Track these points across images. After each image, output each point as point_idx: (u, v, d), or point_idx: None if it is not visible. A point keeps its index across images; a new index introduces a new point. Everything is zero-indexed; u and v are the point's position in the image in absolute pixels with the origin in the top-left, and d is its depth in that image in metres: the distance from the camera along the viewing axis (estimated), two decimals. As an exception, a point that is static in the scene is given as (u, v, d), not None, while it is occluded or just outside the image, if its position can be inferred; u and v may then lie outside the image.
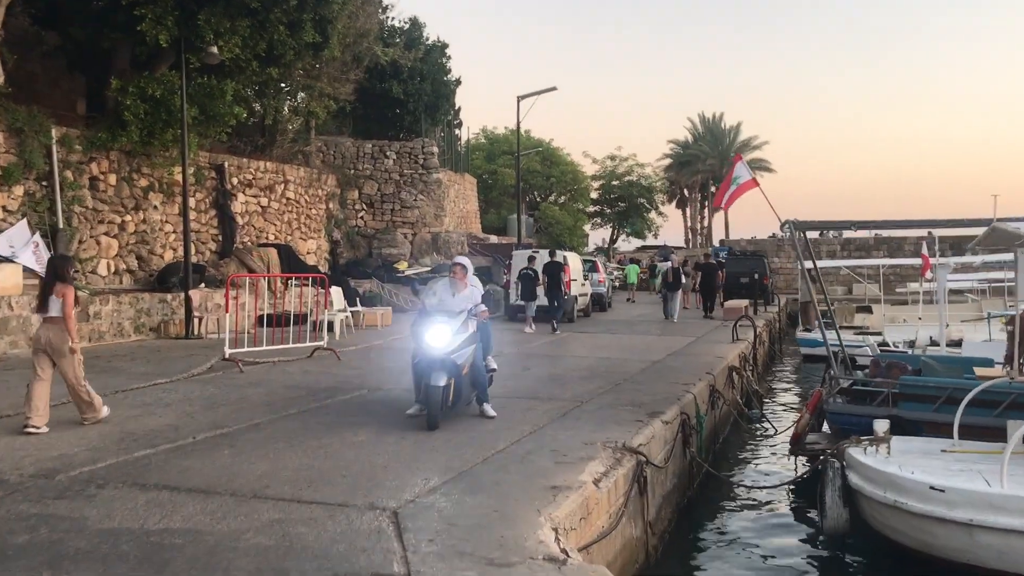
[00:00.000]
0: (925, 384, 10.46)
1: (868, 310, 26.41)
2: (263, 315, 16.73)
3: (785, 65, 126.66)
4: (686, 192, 76.97)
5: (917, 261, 25.66)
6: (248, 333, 15.07)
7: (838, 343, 12.66)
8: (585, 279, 25.42)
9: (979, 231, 11.35)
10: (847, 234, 46.05)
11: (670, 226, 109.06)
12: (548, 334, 19.43)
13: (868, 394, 10.98)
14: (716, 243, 71.74)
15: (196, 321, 17.76)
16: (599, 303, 27.29)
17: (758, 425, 14.66)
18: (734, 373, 14.73)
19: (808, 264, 13.21)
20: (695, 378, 12.39)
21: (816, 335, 25.05)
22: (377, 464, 6.95)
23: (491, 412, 8.93)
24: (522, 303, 21.19)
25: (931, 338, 21.93)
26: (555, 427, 8.62)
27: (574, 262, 23.82)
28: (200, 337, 17.51)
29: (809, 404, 11.28)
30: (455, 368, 8.31)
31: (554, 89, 27.72)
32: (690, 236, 77.19)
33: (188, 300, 17.74)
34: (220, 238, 22.51)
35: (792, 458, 11.78)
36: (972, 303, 25.74)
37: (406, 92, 30.06)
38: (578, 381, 12.01)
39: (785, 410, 17.15)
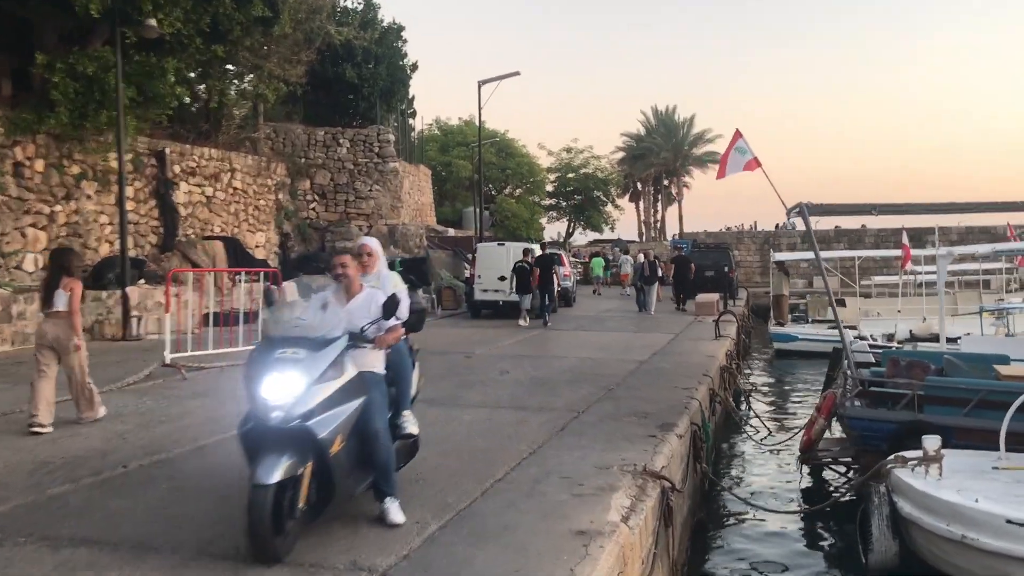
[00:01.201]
0: (956, 386, 9.43)
1: (841, 303, 25.61)
2: (208, 314, 15.23)
3: (740, 59, 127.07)
4: (639, 185, 76.42)
5: (895, 253, 25.01)
6: (193, 334, 13.56)
7: (843, 340, 11.57)
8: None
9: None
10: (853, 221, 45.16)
11: (623, 219, 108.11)
12: (517, 331, 18.20)
13: (889, 396, 9.93)
14: (669, 237, 71.36)
15: (134, 321, 16.12)
16: (564, 298, 26.07)
17: (750, 426, 13.60)
18: (726, 373, 13.65)
19: (805, 254, 12.24)
20: (694, 381, 11.25)
21: (789, 329, 24.30)
22: (354, 496, 5.66)
23: (396, 517, 5.09)
24: (484, 299, 20.59)
25: (911, 332, 21.18)
26: (557, 446, 7.38)
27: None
28: (139, 339, 15.89)
29: (822, 407, 10.18)
30: (314, 445, 4.59)
31: (517, 74, 26.45)
32: (643, 230, 76.67)
33: (125, 298, 16.09)
34: (161, 230, 20.84)
35: (801, 466, 10.71)
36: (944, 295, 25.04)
37: (360, 76, 28.48)
38: (566, 386, 10.79)
39: (772, 409, 16.17)
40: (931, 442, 7.49)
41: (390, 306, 5.12)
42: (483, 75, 26.32)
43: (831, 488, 10.51)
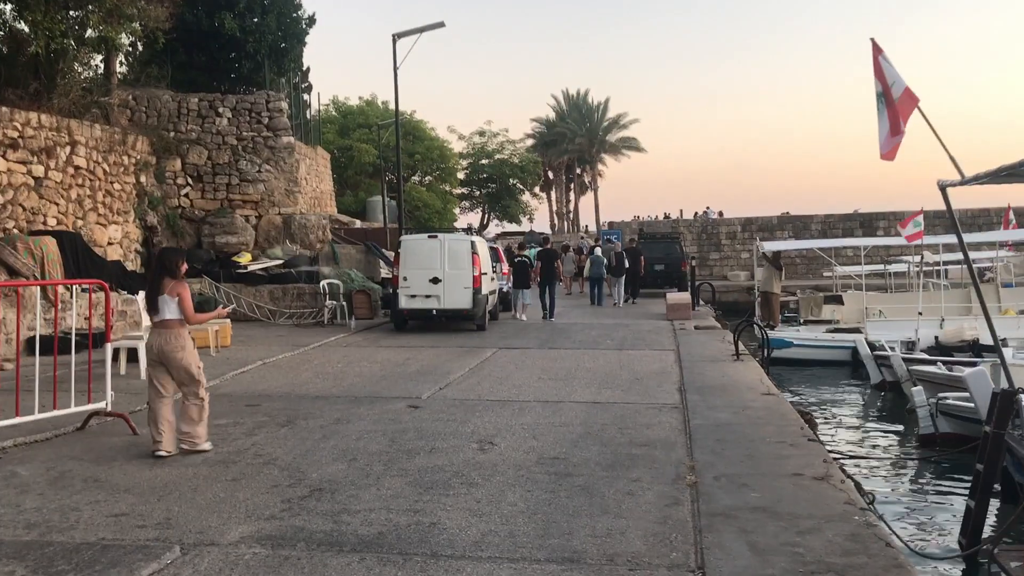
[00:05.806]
0: None
1: (838, 300, 21.68)
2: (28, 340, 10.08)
3: (656, 45, 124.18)
4: (551, 174, 72.43)
5: (895, 241, 21.31)
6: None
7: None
8: (494, 272, 19.52)
9: None
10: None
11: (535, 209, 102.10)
12: (464, 352, 13.47)
13: None
14: (583, 227, 67.41)
15: None
16: (503, 300, 21.35)
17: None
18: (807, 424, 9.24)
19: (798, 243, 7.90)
20: (808, 454, 6.78)
21: (782, 333, 20.14)
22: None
23: None
24: (412, 307, 16.59)
25: (937, 339, 17.37)
26: None
27: (482, 249, 17.94)
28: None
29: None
30: None
31: (441, 25, 21.34)
32: (555, 220, 72.67)
33: None
34: (-34, 223, 15.20)
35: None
36: (953, 290, 21.40)
37: (243, 29, 22.91)
38: (607, 476, 6.18)
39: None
40: None
41: None
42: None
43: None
